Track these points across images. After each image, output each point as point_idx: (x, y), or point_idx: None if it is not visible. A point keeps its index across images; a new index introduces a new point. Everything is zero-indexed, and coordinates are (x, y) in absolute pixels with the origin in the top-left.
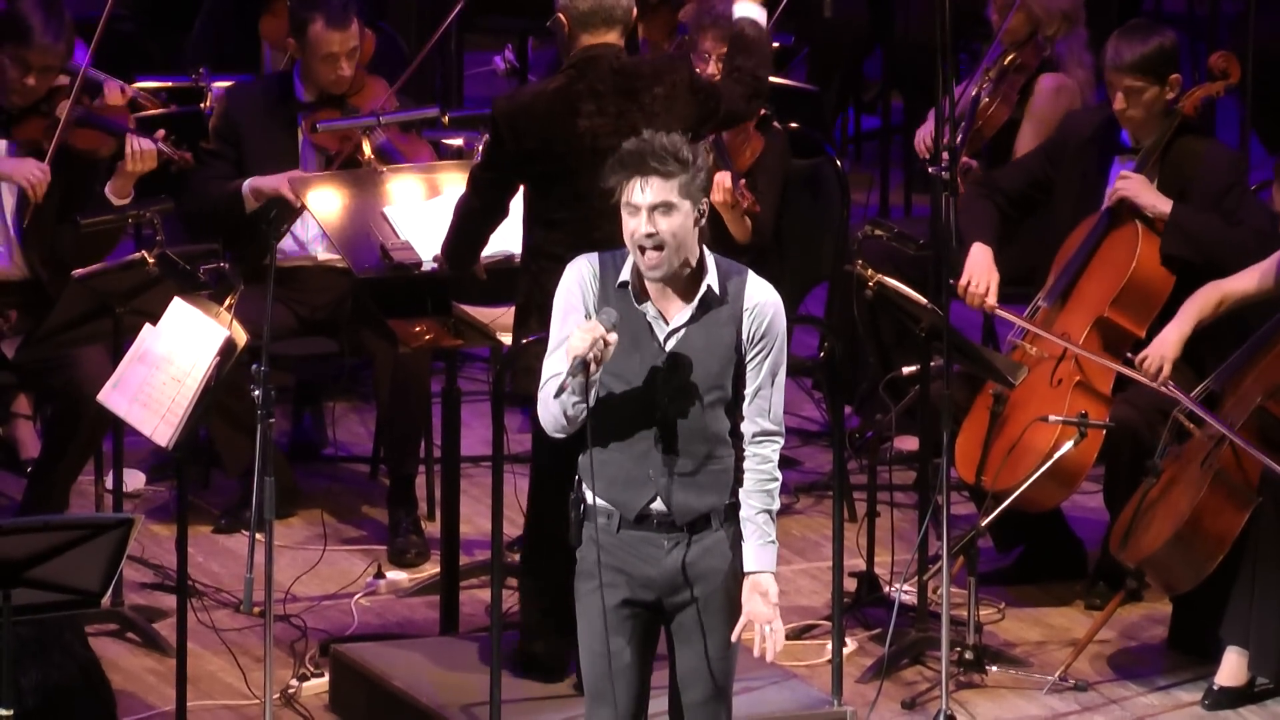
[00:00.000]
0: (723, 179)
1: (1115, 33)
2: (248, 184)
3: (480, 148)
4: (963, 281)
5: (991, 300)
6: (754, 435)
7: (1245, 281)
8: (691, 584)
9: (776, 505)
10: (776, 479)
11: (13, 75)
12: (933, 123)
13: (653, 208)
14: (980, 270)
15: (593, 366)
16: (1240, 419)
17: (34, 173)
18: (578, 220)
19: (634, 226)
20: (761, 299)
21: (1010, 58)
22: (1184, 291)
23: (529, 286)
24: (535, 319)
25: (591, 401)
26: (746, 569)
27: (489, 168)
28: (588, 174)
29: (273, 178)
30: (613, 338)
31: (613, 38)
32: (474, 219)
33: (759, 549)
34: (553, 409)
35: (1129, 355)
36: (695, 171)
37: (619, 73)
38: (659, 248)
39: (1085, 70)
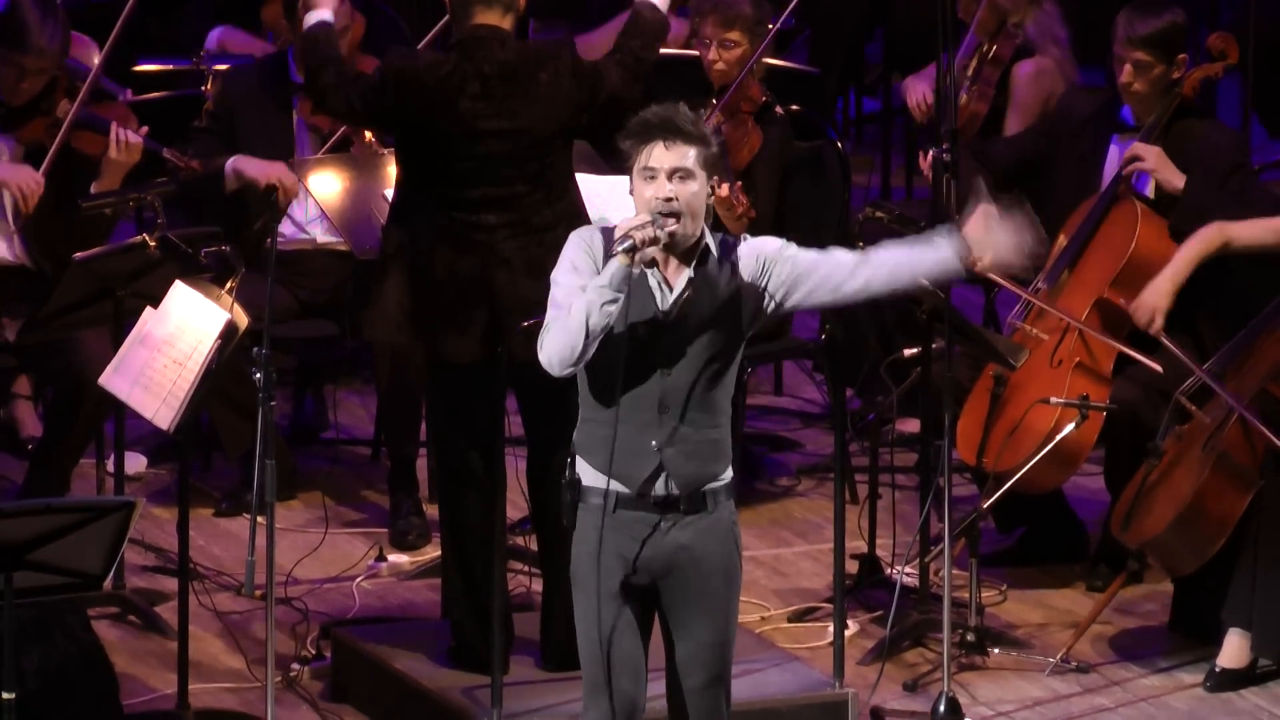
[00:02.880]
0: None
1: (1127, 6)
2: (231, 163)
3: None
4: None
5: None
6: (856, 255)
7: (1255, 230)
8: (688, 567)
9: None
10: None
11: (8, 79)
12: (924, 80)
13: (672, 172)
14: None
15: (636, 256)
16: (1242, 401)
17: (28, 183)
18: (451, 190)
19: (651, 191)
20: (759, 244)
21: (984, 49)
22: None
23: (396, 238)
24: (401, 271)
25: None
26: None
27: (367, 114)
28: (465, 150)
29: (259, 164)
30: (664, 234)
31: (495, 18)
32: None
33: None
34: (573, 324)
35: (1122, 303)
36: (711, 146)
37: (506, 57)
38: (675, 215)
39: (1060, 47)
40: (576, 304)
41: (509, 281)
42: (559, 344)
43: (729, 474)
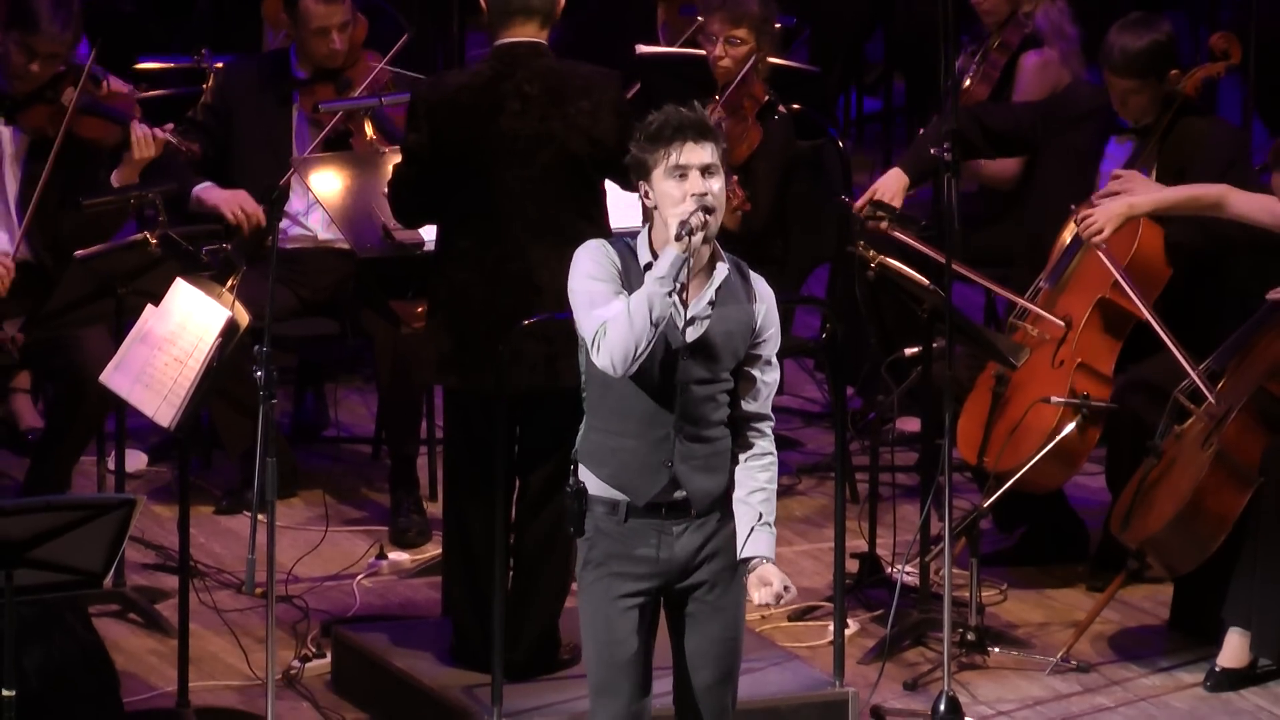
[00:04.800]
0: None
1: (1113, 29)
2: (196, 191)
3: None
4: (861, 201)
5: (884, 224)
6: (765, 423)
7: (1254, 203)
8: (701, 567)
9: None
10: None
11: (17, 61)
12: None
13: (704, 168)
14: (884, 193)
15: (694, 239)
16: (1240, 399)
17: None
18: (488, 216)
19: (684, 189)
20: (767, 291)
21: (993, 39)
22: (1186, 275)
23: (436, 279)
24: (443, 312)
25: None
26: (758, 553)
27: (409, 161)
28: (502, 171)
29: (220, 195)
30: (714, 218)
31: (533, 31)
32: (404, 193)
33: (765, 534)
34: (637, 319)
35: (1073, 206)
36: (724, 141)
37: (549, 77)
38: (709, 210)
39: (1069, 41)
40: (635, 300)
41: (543, 311)
42: (621, 342)
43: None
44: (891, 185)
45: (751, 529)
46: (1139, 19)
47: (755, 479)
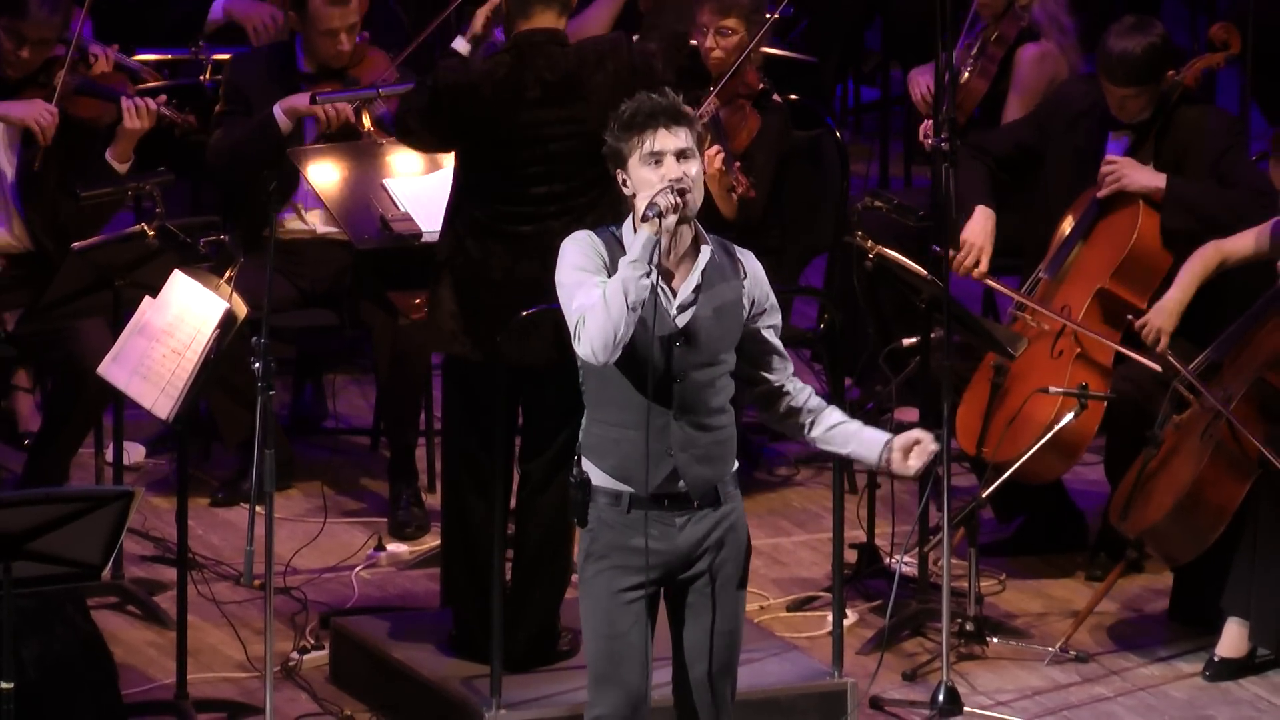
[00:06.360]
0: (712, 154)
1: (1108, 36)
2: (279, 105)
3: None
4: (964, 256)
5: (982, 268)
6: (793, 381)
7: (1244, 243)
8: (703, 557)
9: None
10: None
11: (7, 47)
12: (927, 73)
13: (678, 153)
14: (975, 238)
15: (662, 224)
16: (1239, 390)
17: (43, 114)
18: (510, 196)
19: (660, 174)
20: (754, 264)
21: (990, 32)
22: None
23: (449, 243)
24: (448, 279)
25: (654, 278)
26: (878, 439)
27: (423, 130)
28: (524, 153)
29: (304, 97)
30: (693, 197)
31: (551, 19)
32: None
33: (871, 430)
34: (613, 305)
35: (1130, 318)
36: (698, 125)
37: (567, 61)
38: (685, 191)
39: (1067, 35)
40: (611, 287)
41: None
42: (600, 329)
43: (734, 463)
44: (982, 228)
45: (858, 433)
46: (1133, 24)
47: (824, 414)
